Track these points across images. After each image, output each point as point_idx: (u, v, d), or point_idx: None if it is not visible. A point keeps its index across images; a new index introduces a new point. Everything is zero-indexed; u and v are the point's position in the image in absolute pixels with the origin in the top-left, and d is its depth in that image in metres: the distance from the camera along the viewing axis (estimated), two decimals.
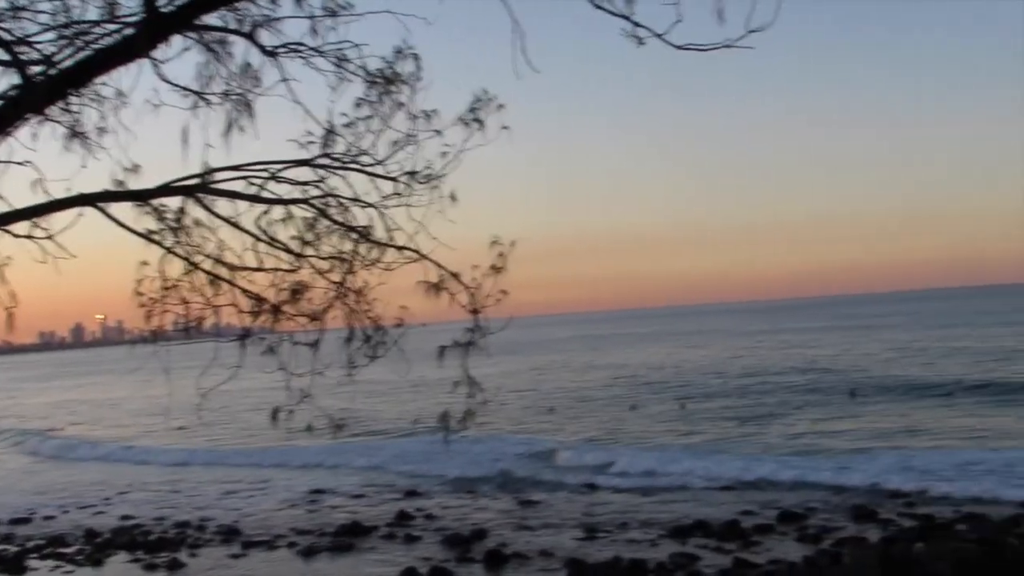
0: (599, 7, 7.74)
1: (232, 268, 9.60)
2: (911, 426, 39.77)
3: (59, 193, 9.00)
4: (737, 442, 39.01)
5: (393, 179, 9.80)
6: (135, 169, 9.36)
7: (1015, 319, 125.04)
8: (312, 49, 9.43)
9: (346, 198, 9.77)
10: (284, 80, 9.52)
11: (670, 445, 38.90)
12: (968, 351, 76.18)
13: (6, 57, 8.93)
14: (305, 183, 9.71)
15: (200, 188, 9.34)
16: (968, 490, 26.26)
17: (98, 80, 9.20)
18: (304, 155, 9.72)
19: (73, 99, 9.61)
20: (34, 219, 9.12)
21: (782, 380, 62.81)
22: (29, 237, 9.19)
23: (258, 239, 9.58)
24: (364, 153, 9.73)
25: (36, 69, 8.86)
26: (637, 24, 7.72)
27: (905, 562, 19.41)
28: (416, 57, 9.50)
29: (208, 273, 9.50)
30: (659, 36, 7.68)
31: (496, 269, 9.58)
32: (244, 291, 9.61)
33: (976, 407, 44.22)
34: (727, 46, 7.57)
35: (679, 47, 7.69)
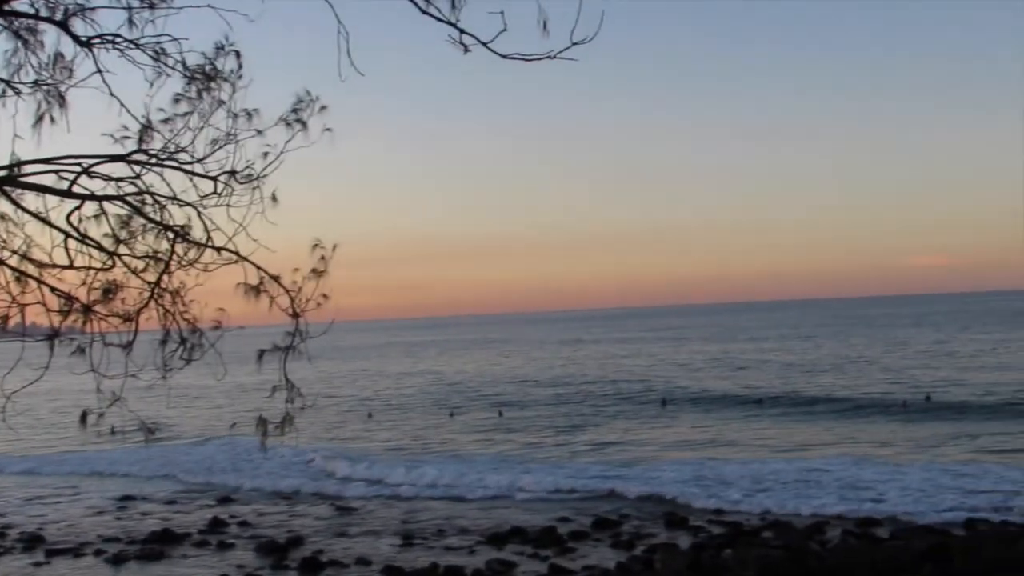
0: (425, 12, 7.81)
1: (40, 265, 9.18)
2: (716, 437, 41.30)
3: None
4: (552, 450, 39.72)
5: (212, 178, 9.52)
6: None
7: (815, 332, 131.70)
8: (129, 41, 9.10)
9: (163, 196, 9.45)
10: (99, 72, 9.16)
11: (484, 453, 39.28)
12: (775, 364, 79.86)
13: None
14: (120, 179, 9.33)
15: (7, 180, 8.92)
16: (762, 501, 27.47)
17: None
18: (119, 150, 9.34)
19: None
20: None
21: (597, 389, 64.28)
22: None
23: (69, 236, 9.19)
24: (182, 150, 9.44)
25: None
26: (463, 31, 7.83)
27: (714, 567, 20.17)
28: (238, 54, 9.30)
29: (14, 270, 9.06)
30: (485, 44, 7.80)
31: (317, 273, 9.51)
32: (53, 289, 9.21)
33: (779, 419, 46.33)
34: (551, 57, 7.76)
35: (505, 56, 7.84)
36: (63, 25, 8.97)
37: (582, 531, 24.65)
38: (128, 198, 9.36)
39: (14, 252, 9.06)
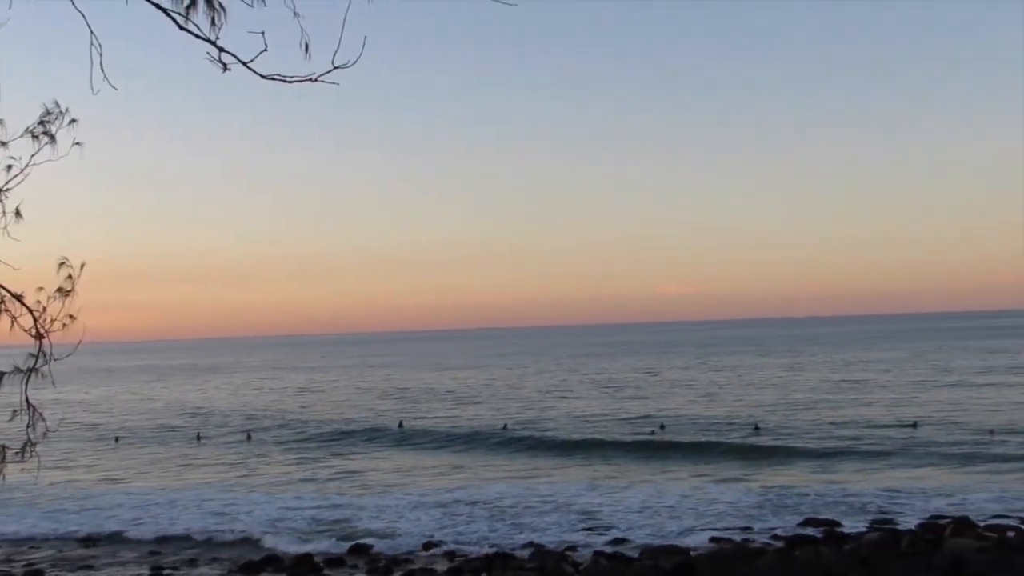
0: (183, 29, 7.69)
1: None
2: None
3: None
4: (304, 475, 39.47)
5: None
6: None
7: (525, 362, 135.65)
8: None
9: None
10: None
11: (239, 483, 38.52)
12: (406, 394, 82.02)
13: None
14: None
15: None
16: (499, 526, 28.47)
17: None
18: None
19: None
20: None
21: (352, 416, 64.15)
22: None
23: None
24: None
25: None
26: (222, 50, 7.75)
27: None
28: None
29: None
30: (245, 64, 7.75)
31: (64, 292, 9.13)
32: None
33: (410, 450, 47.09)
34: (313, 79, 7.80)
35: (265, 77, 7.82)
36: None
37: (337, 557, 24.56)
38: None
39: None
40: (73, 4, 7.71)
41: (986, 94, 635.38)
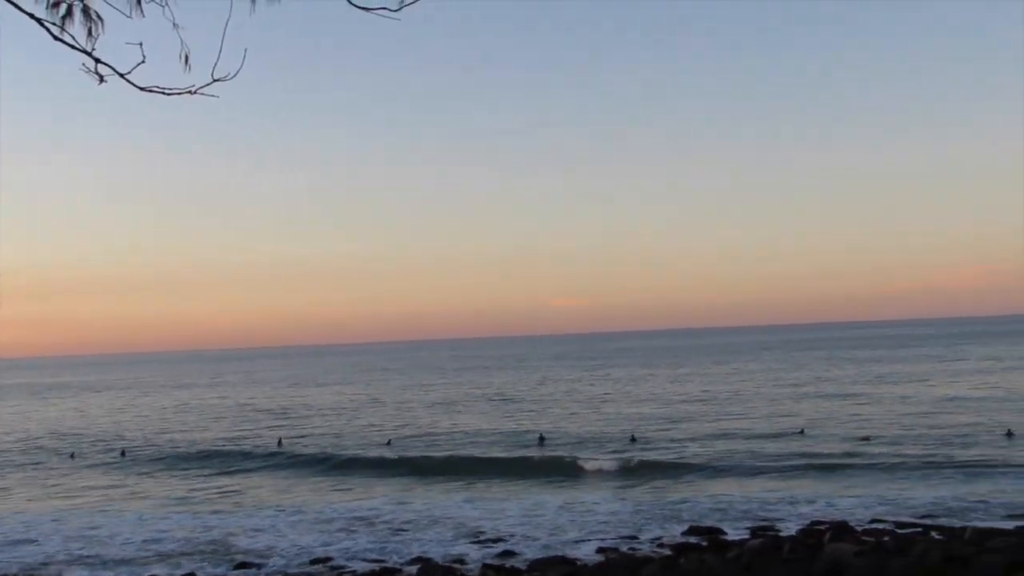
0: (58, 39, 7.65)
1: None
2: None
3: None
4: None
5: None
6: None
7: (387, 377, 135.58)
8: None
9: None
10: None
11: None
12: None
13: None
14: None
15: None
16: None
17: None
18: None
19: None
20: None
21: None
22: None
23: None
24: None
25: None
26: (99, 61, 7.73)
27: None
28: None
29: None
30: (123, 76, 7.74)
31: None
32: None
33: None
34: (192, 92, 7.83)
35: (143, 89, 7.82)
36: None
37: None
38: None
39: None
40: None
41: (874, 104, 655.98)
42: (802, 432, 49.58)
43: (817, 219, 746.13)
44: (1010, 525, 26.92)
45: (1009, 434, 45.41)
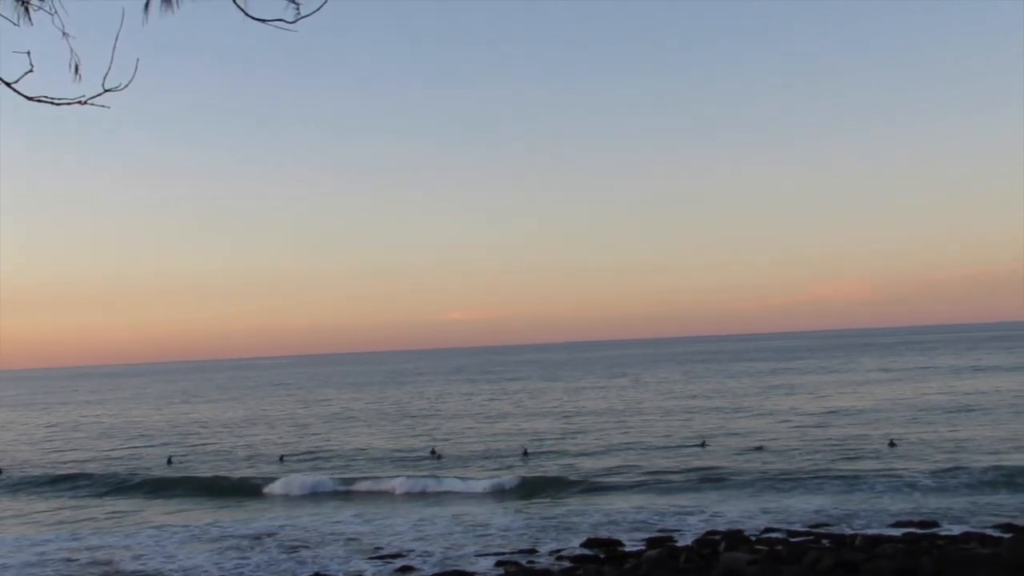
0: None
1: None
2: None
3: None
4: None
5: None
6: None
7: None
8: None
9: None
10: None
11: None
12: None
13: None
14: None
15: None
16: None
17: None
18: None
19: None
20: None
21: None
22: None
23: None
24: None
25: None
26: None
27: None
28: None
29: None
30: (9, 85, 7.60)
31: None
32: None
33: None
34: (82, 102, 7.71)
35: (30, 98, 7.68)
36: None
37: None
38: None
39: None
40: None
41: (754, 113, 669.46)
42: (703, 444, 50.49)
43: (708, 234, 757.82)
44: (898, 532, 27.85)
45: (892, 444, 46.94)
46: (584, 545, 28.10)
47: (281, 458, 53.49)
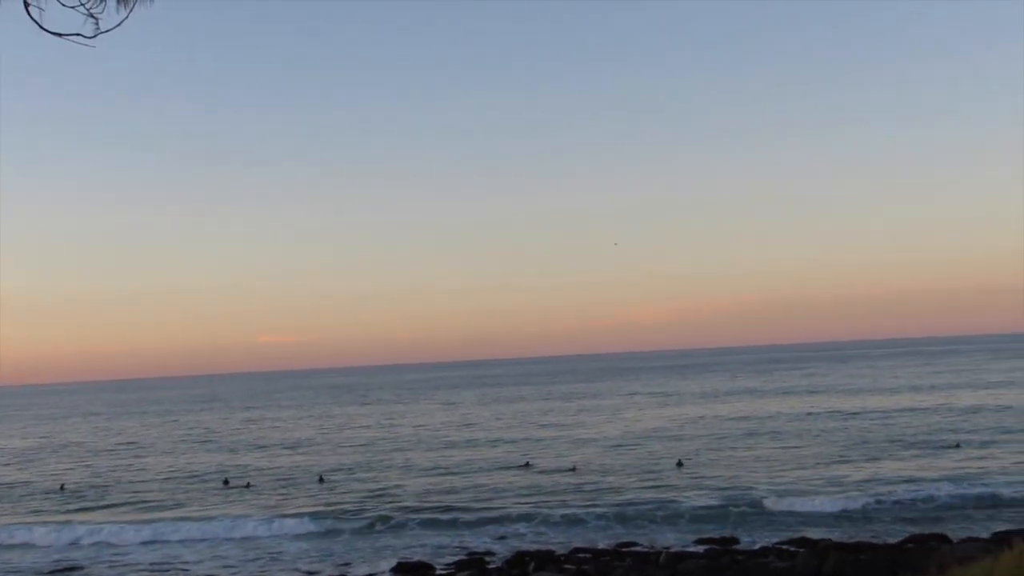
0: None
1: None
2: None
3: None
4: None
5: None
6: None
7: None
8: None
9: None
10: None
11: None
12: None
13: None
14: None
15: None
16: None
17: None
18: None
19: None
20: None
21: None
22: None
23: None
24: None
25: None
26: None
27: None
28: None
29: None
30: None
31: None
32: None
33: None
34: None
35: None
36: None
37: None
38: None
39: None
40: None
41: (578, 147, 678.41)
42: (527, 465, 51.46)
43: (517, 259, 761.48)
44: (700, 549, 28.97)
45: (679, 464, 49.12)
46: (395, 570, 28.13)
47: (62, 486, 52.07)
